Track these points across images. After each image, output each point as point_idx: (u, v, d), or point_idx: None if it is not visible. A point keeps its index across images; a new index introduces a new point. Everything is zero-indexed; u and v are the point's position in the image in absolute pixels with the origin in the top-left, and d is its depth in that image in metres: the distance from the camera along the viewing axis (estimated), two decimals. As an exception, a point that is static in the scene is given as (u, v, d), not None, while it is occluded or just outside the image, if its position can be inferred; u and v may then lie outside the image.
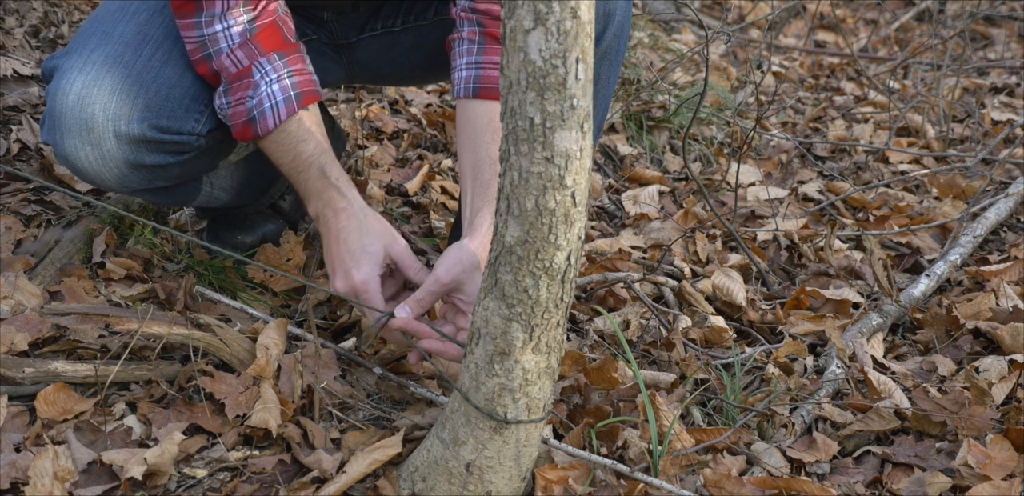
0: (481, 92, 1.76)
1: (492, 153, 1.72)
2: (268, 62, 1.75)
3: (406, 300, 1.66)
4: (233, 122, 1.76)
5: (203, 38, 1.73)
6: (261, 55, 1.75)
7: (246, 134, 1.76)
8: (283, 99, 1.74)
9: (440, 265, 1.64)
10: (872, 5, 5.88)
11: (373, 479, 1.57)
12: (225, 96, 1.76)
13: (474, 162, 1.73)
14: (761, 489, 1.61)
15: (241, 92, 1.74)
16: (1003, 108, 4.13)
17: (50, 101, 1.75)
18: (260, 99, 1.73)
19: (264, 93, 1.74)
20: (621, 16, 1.84)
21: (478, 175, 1.71)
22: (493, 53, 1.76)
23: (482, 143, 1.73)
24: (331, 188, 1.74)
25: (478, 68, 1.77)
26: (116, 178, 1.80)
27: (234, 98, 1.75)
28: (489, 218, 1.67)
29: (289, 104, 1.74)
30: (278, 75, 1.75)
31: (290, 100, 1.75)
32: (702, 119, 3.52)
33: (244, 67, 1.74)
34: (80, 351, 1.76)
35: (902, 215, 2.98)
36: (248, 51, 1.74)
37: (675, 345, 2.04)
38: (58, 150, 1.77)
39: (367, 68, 2.09)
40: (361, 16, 2.01)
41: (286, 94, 1.74)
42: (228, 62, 1.74)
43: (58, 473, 1.48)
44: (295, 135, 1.75)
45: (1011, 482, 1.60)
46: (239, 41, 1.73)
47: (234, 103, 1.75)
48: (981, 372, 2.00)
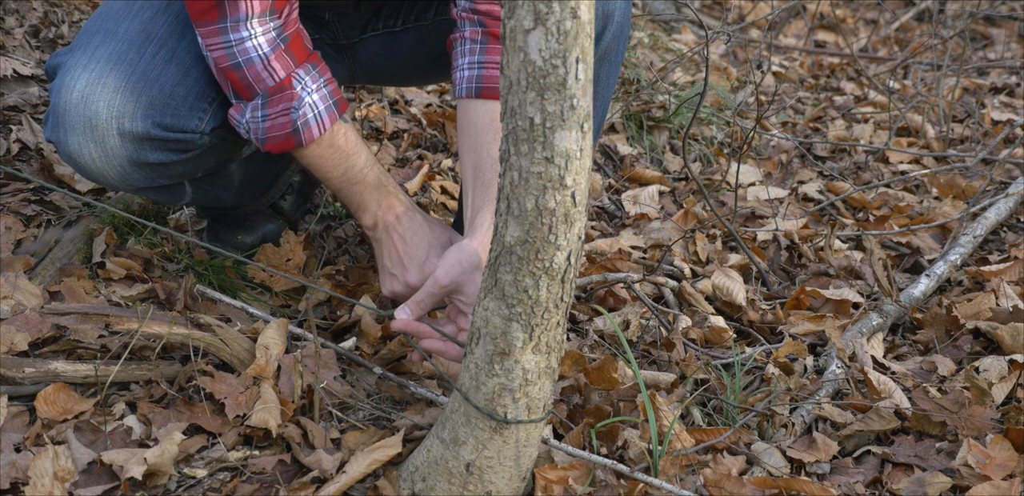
0: (484, 92, 1.76)
1: (493, 153, 1.71)
2: (305, 73, 1.76)
3: (406, 302, 1.66)
4: (270, 134, 1.75)
5: (230, 44, 1.71)
6: (297, 66, 1.75)
7: (288, 144, 1.76)
8: (324, 108, 1.76)
9: (440, 267, 1.64)
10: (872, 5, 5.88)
11: (373, 479, 1.57)
12: (262, 109, 1.75)
13: (475, 161, 1.73)
14: (761, 489, 1.61)
15: (284, 103, 1.74)
16: (1003, 108, 4.13)
17: (53, 98, 1.75)
18: (304, 110, 1.74)
19: (308, 104, 1.75)
20: (620, 16, 1.83)
21: (479, 175, 1.71)
22: (495, 53, 1.76)
23: (484, 143, 1.73)
24: (391, 196, 1.80)
25: (480, 68, 1.77)
26: (119, 176, 1.80)
27: (274, 110, 1.74)
28: (489, 218, 1.67)
29: (331, 113, 1.77)
30: (316, 85, 1.76)
31: (331, 109, 1.77)
32: (702, 119, 3.52)
33: (283, 79, 1.74)
34: (80, 351, 1.76)
35: (902, 215, 2.98)
36: (284, 63, 1.74)
37: (675, 345, 2.04)
38: (61, 148, 1.77)
39: (368, 68, 2.10)
40: (362, 17, 2.01)
41: (326, 103, 1.77)
42: (265, 75, 1.73)
43: (58, 473, 1.48)
44: (344, 148, 1.78)
45: (1011, 482, 1.60)
46: (272, 52, 1.72)
47: (273, 115, 1.74)
48: (981, 372, 2.00)
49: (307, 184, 2.40)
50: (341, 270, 2.22)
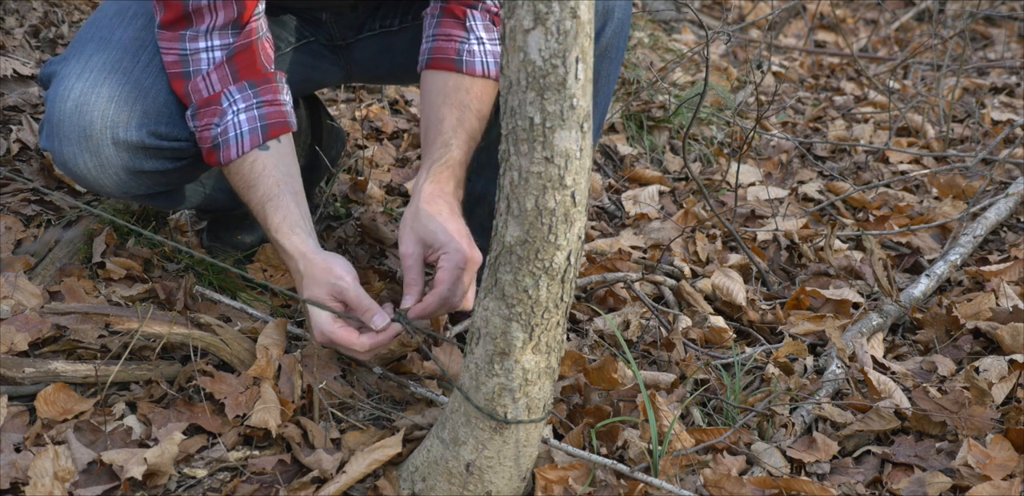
0: (431, 63, 1.79)
1: (441, 113, 1.73)
2: (238, 91, 1.73)
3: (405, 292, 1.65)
4: (201, 145, 1.75)
5: (185, 52, 1.72)
6: (233, 82, 1.73)
7: (211, 160, 1.75)
8: (248, 130, 1.71)
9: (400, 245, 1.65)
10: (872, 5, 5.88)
11: (373, 479, 1.57)
12: (193, 120, 1.75)
13: (425, 125, 1.75)
14: (761, 489, 1.61)
15: (207, 118, 1.72)
16: (1003, 108, 4.13)
17: (48, 108, 1.74)
18: (225, 127, 1.72)
19: (230, 122, 1.71)
20: (620, 13, 1.84)
21: (427, 138, 1.73)
22: (446, 25, 1.79)
23: (433, 105, 1.75)
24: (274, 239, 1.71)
25: (432, 40, 1.80)
26: (115, 184, 1.80)
27: (200, 123, 1.73)
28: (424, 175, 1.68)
29: (254, 135, 1.71)
30: (246, 105, 1.73)
31: (255, 131, 1.72)
32: (702, 119, 3.52)
33: (213, 93, 1.72)
34: (80, 351, 1.76)
35: (902, 215, 2.98)
36: (222, 74, 1.72)
37: (675, 345, 2.04)
38: (57, 157, 1.77)
39: (365, 68, 2.10)
40: (359, 17, 2.01)
41: (252, 125, 1.72)
42: (202, 85, 1.72)
43: (58, 473, 1.48)
44: (247, 179, 1.72)
45: (1011, 482, 1.60)
46: (218, 62, 1.72)
47: (200, 128, 1.74)
48: (981, 372, 2.00)
49: (307, 184, 2.39)
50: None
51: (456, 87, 1.76)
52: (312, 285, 1.65)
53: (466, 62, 1.76)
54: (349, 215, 2.53)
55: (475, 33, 1.77)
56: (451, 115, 1.73)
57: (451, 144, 1.71)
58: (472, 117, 1.75)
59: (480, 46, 1.77)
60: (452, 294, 1.62)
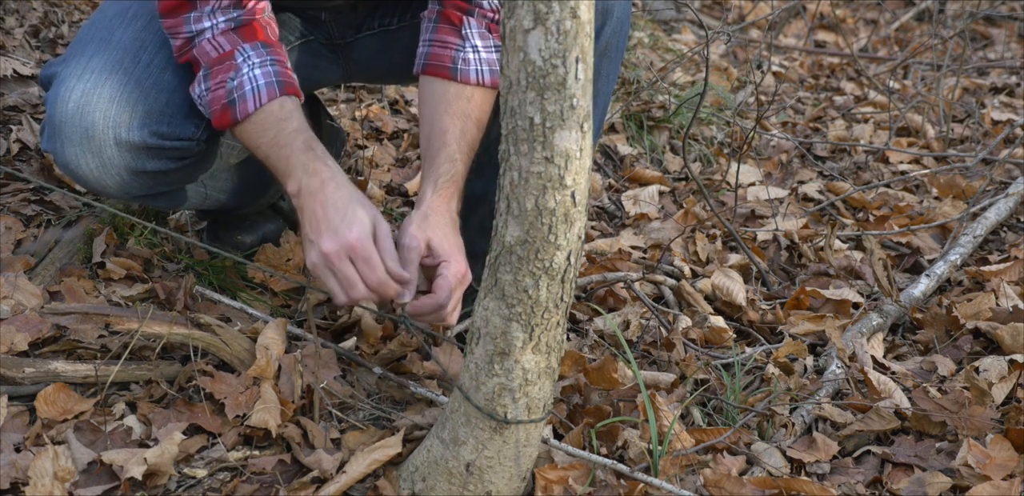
0: (426, 68, 1.79)
1: (443, 123, 1.73)
2: (252, 48, 1.72)
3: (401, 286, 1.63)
4: (212, 108, 1.71)
5: (191, 33, 1.71)
6: (244, 42, 1.72)
7: (225, 119, 1.70)
8: (264, 83, 1.69)
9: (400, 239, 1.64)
10: (872, 5, 5.88)
11: (373, 479, 1.57)
12: (205, 81, 1.72)
13: (427, 133, 1.75)
14: (761, 489, 1.61)
15: (222, 75, 1.70)
16: (1003, 108, 4.13)
17: (49, 109, 1.74)
18: (241, 81, 1.69)
19: (246, 75, 1.69)
20: (620, 12, 1.84)
21: (428, 146, 1.74)
22: (442, 32, 1.79)
23: (436, 114, 1.75)
24: (317, 160, 1.66)
25: (428, 45, 1.81)
26: (118, 185, 1.80)
27: (214, 82, 1.71)
28: (430, 188, 1.68)
29: (271, 89, 1.69)
30: (261, 61, 1.71)
31: (272, 85, 1.69)
32: (702, 119, 3.52)
33: (226, 51, 1.71)
34: (80, 351, 1.76)
35: (902, 215, 2.98)
36: (231, 38, 1.72)
37: (675, 345, 2.04)
38: (59, 158, 1.76)
39: (365, 67, 2.10)
40: (358, 16, 2.01)
41: (268, 79, 1.70)
42: (209, 47, 1.71)
43: (58, 473, 1.48)
44: (277, 114, 1.68)
45: (1011, 482, 1.60)
46: (222, 29, 1.71)
47: (214, 87, 1.71)
48: (981, 372, 2.00)
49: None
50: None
51: (457, 96, 1.76)
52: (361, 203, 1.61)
53: (461, 71, 1.76)
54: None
55: (470, 41, 1.78)
56: (454, 126, 1.74)
57: (456, 158, 1.72)
58: (473, 127, 1.76)
59: (475, 54, 1.77)
60: (446, 303, 1.63)
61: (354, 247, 1.57)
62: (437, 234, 1.65)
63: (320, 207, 1.62)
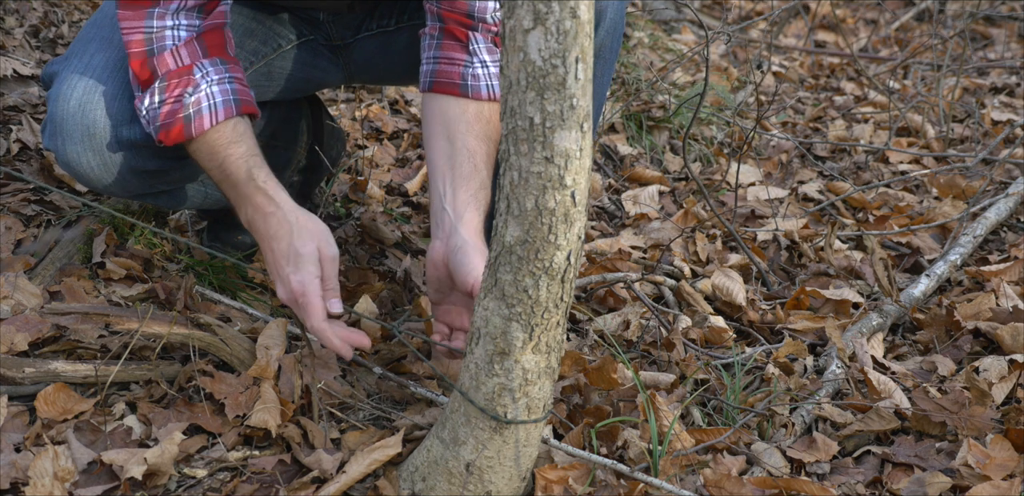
0: (435, 86, 1.78)
1: (469, 144, 1.72)
2: (211, 64, 1.70)
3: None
4: (163, 121, 1.67)
5: (151, 30, 1.67)
6: (204, 57, 1.70)
7: (177, 134, 1.67)
8: (222, 101, 1.68)
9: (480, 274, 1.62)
10: (872, 5, 5.88)
11: (373, 479, 1.57)
12: (158, 94, 1.67)
13: (449, 152, 1.73)
14: (761, 489, 1.61)
15: (180, 89, 1.67)
16: (1003, 108, 4.13)
17: (51, 107, 1.74)
18: (198, 98, 1.67)
19: (204, 92, 1.67)
20: (613, 14, 1.84)
21: (457, 167, 1.71)
22: (448, 48, 1.78)
23: (457, 133, 1.73)
24: (258, 192, 1.66)
25: (435, 62, 1.79)
26: (119, 184, 1.80)
27: (169, 95, 1.67)
28: (477, 216, 1.68)
29: (228, 106, 1.68)
30: (219, 78, 1.69)
31: (229, 103, 1.68)
32: (702, 119, 3.52)
33: (185, 65, 1.68)
34: (80, 351, 1.76)
35: (902, 215, 2.98)
36: (192, 50, 1.69)
37: (675, 345, 2.04)
38: (60, 156, 1.76)
39: (364, 68, 2.10)
40: (356, 17, 2.01)
41: (225, 97, 1.68)
42: (170, 59, 1.67)
43: (58, 473, 1.48)
44: (228, 136, 1.68)
45: (1011, 482, 1.60)
46: (185, 39, 1.68)
47: (169, 100, 1.67)
48: (981, 372, 2.00)
49: (307, 184, 2.40)
50: (341, 270, 2.21)
51: (478, 116, 1.75)
52: (305, 236, 1.62)
53: (471, 87, 1.75)
54: (349, 215, 2.53)
55: (478, 56, 1.76)
56: (481, 149, 1.73)
57: (488, 185, 1.72)
58: (494, 151, 1.74)
59: (484, 69, 1.76)
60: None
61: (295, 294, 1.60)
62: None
63: (268, 248, 1.65)
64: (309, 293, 1.59)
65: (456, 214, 1.68)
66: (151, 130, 1.69)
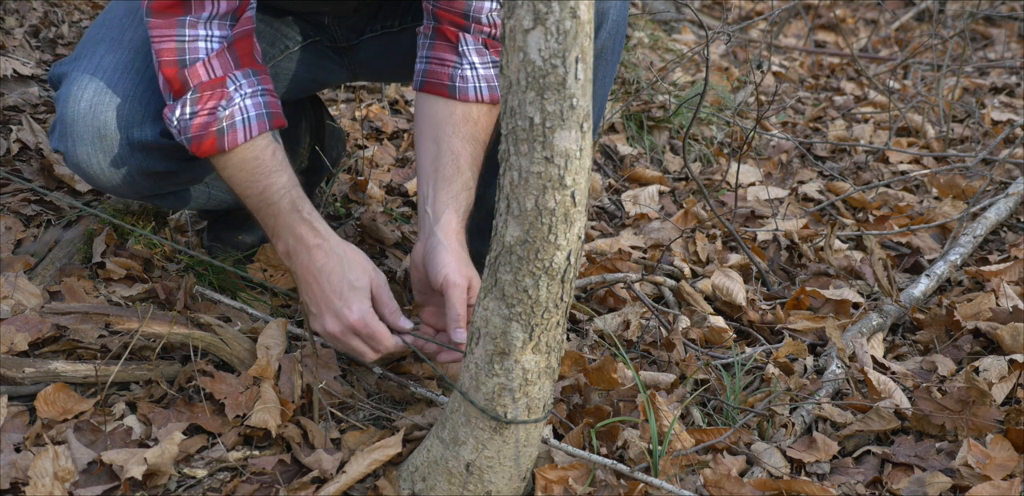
0: (424, 86, 1.79)
1: (454, 146, 1.73)
2: (243, 76, 1.69)
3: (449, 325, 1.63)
4: (194, 133, 1.66)
5: (183, 39, 1.65)
6: (237, 68, 1.68)
7: (210, 147, 1.66)
8: (255, 115, 1.67)
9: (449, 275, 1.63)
10: (872, 5, 5.88)
11: (373, 479, 1.57)
12: (190, 105, 1.65)
13: (435, 154, 1.74)
14: (761, 491, 1.61)
15: (213, 102, 1.65)
16: (1003, 108, 4.13)
17: (60, 108, 1.73)
18: (232, 111, 1.65)
19: (238, 106, 1.66)
20: (615, 15, 1.84)
21: (440, 168, 1.72)
22: (439, 49, 1.79)
23: (443, 135, 1.74)
24: (303, 223, 1.66)
25: (426, 62, 1.80)
26: (127, 185, 1.79)
27: (202, 107, 1.65)
28: (456, 218, 1.69)
29: (261, 121, 1.67)
30: (252, 90, 1.69)
31: (262, 117, 1.68)
32: (702, 119, 3.52)
33: (218, 77, 1.67)
34: (80, 351, 1.76)
35: (902, 215, 2.98)
36: (224, 61, 1.67)
37: (675, 345, 2.04)
38: (69, 158, 1.75)
39: (369, 68, 2.10)
40: (361, 19, 2.01)
41: (259, 111, 1.68)
42: (202, 71, 1.66)
43: (58, 473, 1.48)
44: (268, 165, 1.68)
45: (1011, 482, 1.60)
46: (217, 50, 1.66)
47: (201, 112, 1.65)
48: (981, 372, 2.00)
49: (308, 184, 2.40)
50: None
51: (465, 118, 1.76)
52: (358, 270, 1.63)
53: (459, 88, 1.76)
54: (349, 215, 2.53)
55: (467, 58, 1.77)
56: (466, 150, 1.74)
57: (471, 186, 1.73)
58: (480, 153, 1.76)
59: (472, 71, 1.77)
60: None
61: (356, 327, 1.61)
62: (475, 274, 1.65)
63: (315, 281, 1.64)
64: (372, 323, 1.61)
65: (435, 216, 1.69)
66: (182, 140, 1.69)
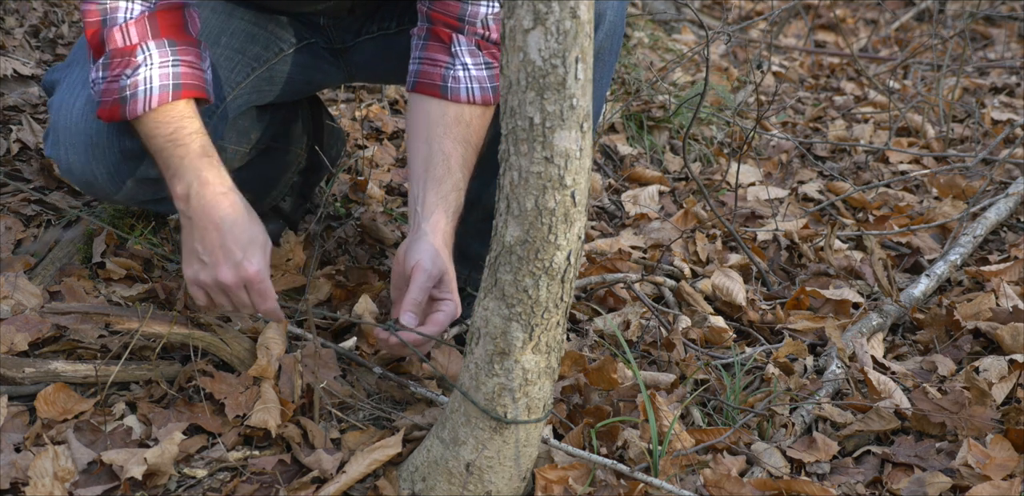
0: (416, 86, 1.79)
1: (445, 147, 1.73)
2: (157, 46, 1.63)
3: (402, 306, 1.63)
4: (103, 98, 1.63)
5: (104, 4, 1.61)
6: (152, 38, 1.63)
7: (113, 114, 1.62)
8: (159, 86, 1.61)
9: (422, 261, 1.64)
10: (872, 5, 5.88)
11: (373, 479, 1.57)
12: (103, 70, 1.62)
13: (426, 154, 1.74)
14: (761, 491, 1.61)
15: (119, 69, 1.62)
16: (1003, 108, 4.13)
17: (53, 116, 1.73)
18: (136, 80, 1.61)
19: (141, 75, 1.61)
20: (613, 16, 1.84)
21: (431, 169, 1.72)
22: (432, 49, 1.79)
23: (434, 135, 1.74)
24: (212, 168, 1.61)
25: (418, 63, 1.80)
26: (121, 192, 1.79)
27: (111, 73, 1.62)
28: (444, 218, 1.69)
29: (164, 92, 1.61)
30: (162, 61, 1.63)
31: (166, 88, 1.62)
32: (702, 119, 3.52)
33: (129, 45, 1.62)
34: (80, 351, 1.76)
35: (902, 215, 2.98)
36: (141, 29, 1.63)
37: (675, 345, 2.04)
38: (62, 165, 1.75)
39: (365, 70, 2.10)
40: (356, 20, 2.01)
41: (164, 82, 1.62)
42: (117, 35, 1.62)
43: (58, 473, 1.48)
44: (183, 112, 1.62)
45: (1011, 482, 1.60)
46: (137, 15, 1.62)
47: (109, 78, 1.62)
48: (981, 372, 2.00)
49: (307, 184, 2.40)
50: (341, 270, 2.22)
51: (457, 120, 1.76)
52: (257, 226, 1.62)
53: (451, 89, 1.76)
54: (349, 215, 2.53)
55: (460, 58, 1.77)
56: (457, 152, 1.74)
57: (461, 188, 1.73)
58: (472, 155, 1.76)
59: (465, 72, 1.77)
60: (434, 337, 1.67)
61: (252, 281, 1.59)
62: (451, 269, 1.67)
63: (215, 229, 1.59)
64: (266, 280, 1.60)
65: (423, 216, 1.70)
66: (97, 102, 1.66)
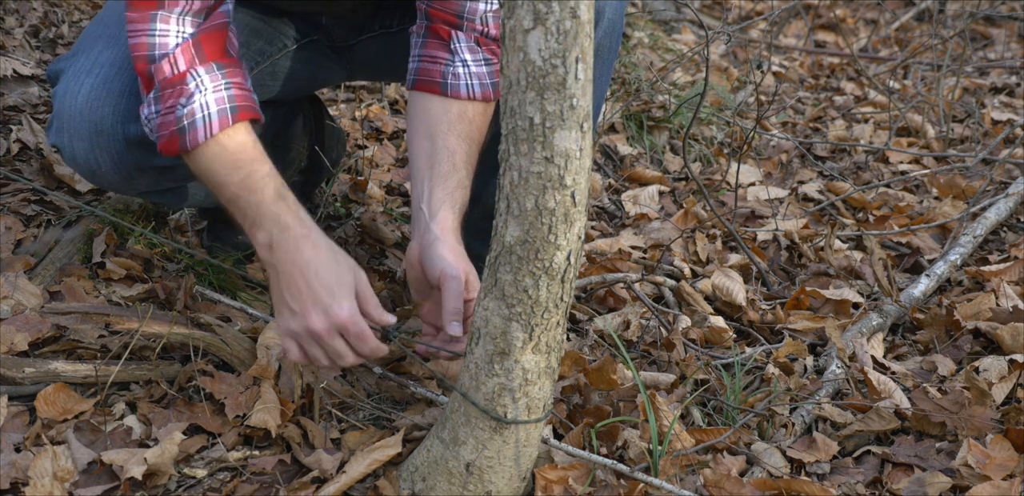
0: (416, 84, 1.79)
1: (449, 143, 1.72)
2: (206, 71, 1.62)
3: (445, 317, 1.60)
4: (160, 133, 1.61)
5: (155, 33, 1.60)
6: (200, 63, 1.62)
7: (173, 147, 1.60)
8: (217, 111, 1.59)
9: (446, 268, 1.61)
10: (872, 5, 5.88)
11: (373, 479, 1.57)
12: (156, 104, 1.61)
13: (430, 151, 1.73)
14: (761, 491, 1.61)
15: (174, 99, 1.60)
16: (1003, 108, 4.13)
17: (57, 103, 1.73)
18: (192, 109, 1.59)
19: (197, 103, 1.59)
20: (612, 14, 1.84)
21: (436, 165, 1.71)
22: (431, 47, 1.79)
23: (438, 132, 1.74)
24: (290, 213, 1.58)
25: (418, 61, 1.80)
26: (125, 180, 1.79)
27: (164, 106, 1.60)
28: (452, 215, 1.67)
29: (223, 117, 1.60)
30: (214, 85, 1.62)
31: (224, 113, 1.60)
32: (702, 119, 3.52)
33: (180, 73, 1.61)
34: (80, 351, 1.76)
35: (902, 215, 2.98)
36: (188, 56, 1.62)
37: (675, 345, 2.04)
38: (66, 153, 1.75)
39: (367, 68, 2.10)
40: (359, 19, 2.01)
41: (221, 106, 1.60)
42: (167, 67, 1.60)
43: (58, 473, 1.48)
44: (249, 154, 1.60)
45: (1011, 482, 1.60)
46: (181, 45, 1.61)
47: (164, 111, 1.60)
48: (981, 372, 2.00)
49: (307, 184, 2.40)
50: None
51: (460, 117, 1.75)
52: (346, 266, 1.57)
53: (451, 85, 1.76)
54: (349, 215, 2.53)
55: (459, 55, 1.77)
56: (461, 149, 1.73)
57: (466, 185, 1.72)
58: (475, 152, 1.76)
59: (464, 68, 1.77)
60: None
61: (346, 326, 1.53)
62: (472, 268, 1.64)
63: (300, 275, 1.55)
64: (361, 323, 1.54)
65: (431, 213, 1.68)
66: (154, 139, 1.65)
